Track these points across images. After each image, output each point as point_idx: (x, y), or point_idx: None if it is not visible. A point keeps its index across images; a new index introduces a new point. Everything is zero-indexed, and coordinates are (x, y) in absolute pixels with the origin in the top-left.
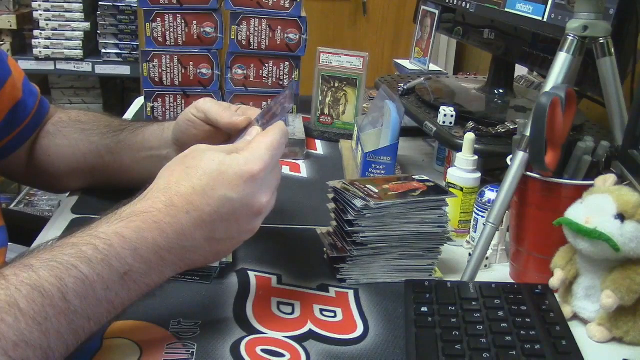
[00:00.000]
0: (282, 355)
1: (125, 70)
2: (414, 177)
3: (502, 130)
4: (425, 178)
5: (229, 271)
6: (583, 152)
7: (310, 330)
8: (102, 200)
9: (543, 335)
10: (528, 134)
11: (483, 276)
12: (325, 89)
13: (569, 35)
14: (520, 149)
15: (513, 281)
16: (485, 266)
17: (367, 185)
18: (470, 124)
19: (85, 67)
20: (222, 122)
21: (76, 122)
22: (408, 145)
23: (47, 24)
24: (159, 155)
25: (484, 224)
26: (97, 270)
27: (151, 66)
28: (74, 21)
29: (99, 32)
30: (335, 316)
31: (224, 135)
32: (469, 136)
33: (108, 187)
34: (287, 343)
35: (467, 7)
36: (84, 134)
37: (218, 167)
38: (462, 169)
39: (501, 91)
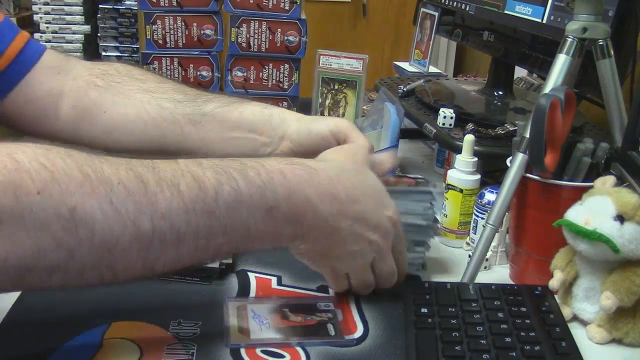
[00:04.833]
0: (282, 356)
1: None
2: (409, 175)
3: (502, 132)
4: (420, 177)
5: (228, 272)
6: (582, 154)
7: None
8: None
9: (543, 337)
10: (527, 135)
11: (483, 277)
12: (325, 91)
13: (569, 37)
14: (519, 150)
15: (513, 282)
16: (485, 267)
17: None
18: (470, 126)
19: None
20: (379, 169)
21: (131, 78)
22: (408, 147)
23: (47, 27)
24: (262, 141)
25: (483, 226)
26: (252, 191)
27: (151, 68)
28: (74, 24)
29: (99, 34)
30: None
31: None
32: (469, 138)
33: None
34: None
35: (467, 9)
36: (151, 96)
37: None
38: (462, 170)
39: (501, 93)
